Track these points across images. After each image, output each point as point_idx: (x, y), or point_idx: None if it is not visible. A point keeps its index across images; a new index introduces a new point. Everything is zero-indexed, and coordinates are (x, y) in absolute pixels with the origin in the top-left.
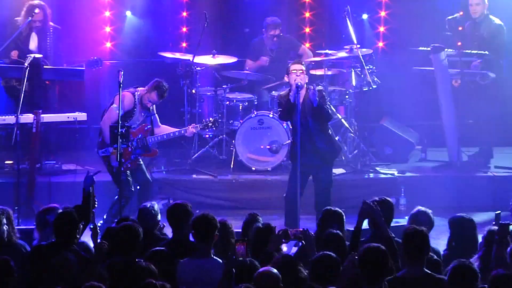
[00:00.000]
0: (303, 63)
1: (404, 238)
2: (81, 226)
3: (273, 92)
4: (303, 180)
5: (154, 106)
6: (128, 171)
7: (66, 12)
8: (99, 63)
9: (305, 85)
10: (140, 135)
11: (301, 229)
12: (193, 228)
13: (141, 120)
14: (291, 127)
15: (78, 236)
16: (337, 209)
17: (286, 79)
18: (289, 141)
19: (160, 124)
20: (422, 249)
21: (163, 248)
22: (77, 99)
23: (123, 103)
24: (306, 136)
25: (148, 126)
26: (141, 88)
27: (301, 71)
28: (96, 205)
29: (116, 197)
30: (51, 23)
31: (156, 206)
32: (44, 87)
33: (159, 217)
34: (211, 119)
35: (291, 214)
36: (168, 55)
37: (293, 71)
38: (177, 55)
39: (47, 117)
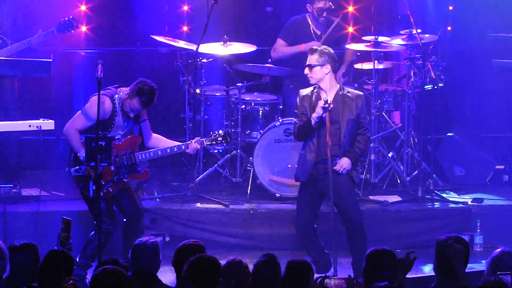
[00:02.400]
0: (318, 49)
1: None
2: None
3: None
4: (316, 200)
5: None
6: (109, 198)
7: None
8: (73, 25)
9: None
10: (126, 151)
11: (345, 277)
12: (187, 276)
13: (126, 130)
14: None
15: None
16: (389, 249)
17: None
18: (313, 156)
19: (152, 133)
20: None
21: None
22: (41, 101)
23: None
24: (325, 153)
25: (138, 139)
26: (124, 88)
27: (308, 65)
28: (70, 246)
29: (93, 232)
30: None
31: (156, 243)
32: None
33: (160, 257)
34: (220, 131)
35: (313, 247)
36: (163, 40)
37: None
38: (176, 43)
39: (1, 126)
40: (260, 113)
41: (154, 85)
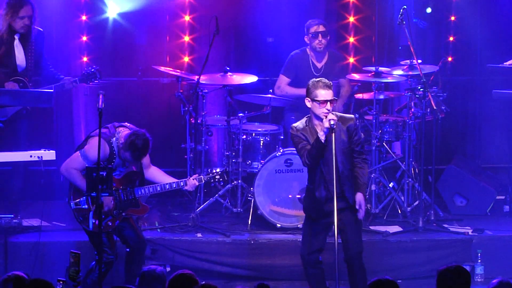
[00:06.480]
0: (331, 84)
1: None
2: None
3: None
4: (322, 232)
5: None
6: (110, 229)
7: None
8: (97, 76)
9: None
10: (126, 185)
11: None
12: None
13: (125, 167)
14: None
15: None
16: (391, 279)
17: (308, 104)
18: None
19: (151, 165)
20: None
21: None
22: (43, 131)
23: (96, 154)
24: (333, 188)
25: (138, 174)
26: (123, 129)
27: (331, 100)
28: (80, 279)
29: (93, 262)
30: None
31: (164, 272)
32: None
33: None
34: (218, 170)
35: (314, 280)
36: (164, 70)
37: (322, 101)
38: (177, 73)
39: (2, 156)
40: (261, 143)
41: (148, 136)
